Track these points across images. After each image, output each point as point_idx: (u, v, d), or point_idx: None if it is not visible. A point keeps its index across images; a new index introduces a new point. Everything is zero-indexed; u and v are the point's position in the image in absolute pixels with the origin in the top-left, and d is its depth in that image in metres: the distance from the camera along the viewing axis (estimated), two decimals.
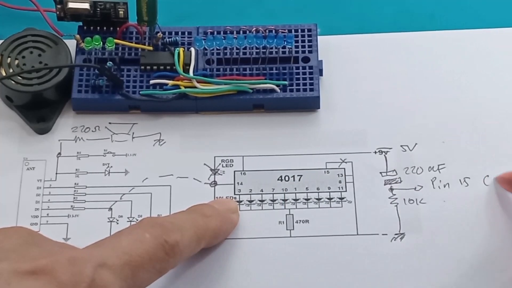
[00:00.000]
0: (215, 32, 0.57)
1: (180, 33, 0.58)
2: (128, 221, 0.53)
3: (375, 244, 0.52)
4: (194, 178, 0.55)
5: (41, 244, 0.43)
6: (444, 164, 0.55)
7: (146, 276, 0.44)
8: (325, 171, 0.55)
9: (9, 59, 0.56)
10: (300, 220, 0.53)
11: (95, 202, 0.54)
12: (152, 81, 0.56)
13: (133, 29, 0.58)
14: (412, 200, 0.54)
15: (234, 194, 0.54)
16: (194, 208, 0.50)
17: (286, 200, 0.54)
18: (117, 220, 0.53)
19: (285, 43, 0.56)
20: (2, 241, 0.42)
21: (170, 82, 0.56)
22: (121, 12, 0.57)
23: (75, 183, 0.54)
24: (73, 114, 0.57)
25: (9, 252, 0.41)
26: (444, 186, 0.54)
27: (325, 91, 0.57)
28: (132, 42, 0.57)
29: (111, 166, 0.55)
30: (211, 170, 0.55)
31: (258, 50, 0.56)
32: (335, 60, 0.58)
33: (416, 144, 0.56)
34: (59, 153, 0.55)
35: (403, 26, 0.60)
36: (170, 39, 0.57)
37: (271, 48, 0.56)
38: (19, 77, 0.55)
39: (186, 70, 0.56)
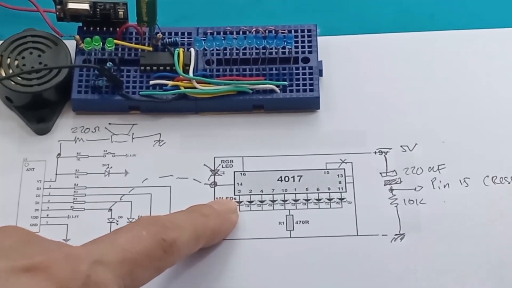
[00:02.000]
0: (215, 33, 0.57)
1: (180, 33, 0.58)
2: (128, 222, 0.53)
3: (375, 244, 0.52)
4: (194, 179, 0.54)
5: (38, 242, 0.43)
6: (444, 164, 0.55)
7: (144, 273, 0.44)
8: (325, 172, 0.55)
9: (8, 59, 0.56)
10: (300, 221, 0.53)
11: (95, 203, 0.54)
12: (152, 82, 0.56)
13: (132, 29, 0.58)
14: (412, 200, 0.54)
15: (234, 194, 0.54)
16: (193, 208, 0.50)
17: (286, 200, 0.54)
18: (117, 221, 0.53)
19: (285, 43, 0.56)
20: (2, 240, 0.42)
21: (170, 83, 0.56)
22: (120, 13, 0.57)
23: (75, 184, 0.54)
24: (73, 115, 0.57)
25: (8, 251, 0.41)
26: (444, 186, 0.54)
27: (325, 92, 0.57)
28: (132, 43, 0.57)
29: (111, 167, 0.55)
30: (211, 170, 0.55)
31: (258, 51, 0.56)
32: (335, 61, 0.58)
33: (416, 144, 0.56)
34: (59, 154, 0.55)
35: (403, 26, 0.60)
36: (170, 39, 0.57)
37: (271, 48, 0.56)
38: (19, 78, 0.55)
39: (186, 71, 0.56)
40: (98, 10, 0.57)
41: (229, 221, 0.52)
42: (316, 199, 0.54)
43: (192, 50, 0.56)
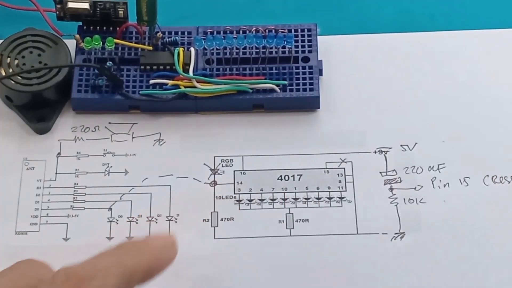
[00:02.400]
0: (215, 32, 0.57)
1: (180, 33, 0.58)
2: (128, 221, 0.53)
3: (375, 243, 0.52)
4: (194, 178, 0.54)
5: None
6: (444, 164, 0.55)
7: None
8: (325, 171, 0.55)
9: (8, 59, 0.56)
10: (300, 219, 0.53)
11: (95, 202, 0.54)
12: (152, 81, 0.56)
13: (133, 29, 0.58)
14: (412, 199, 0.54)
15: (234, 193, 0.54)
16: (123, 245, 0.45)
17: (286, 199, 0.54)
18: (117, 220, 0.53)
19: (285, 43, 0.56)
20: None
21: (170, 82, 0.56)
22: (120, 12, 0.57)
23: (74, 183, 0.54)
24: (73, 114, 0.57)
25: None
26: (444, 186, 0.54)
27: (325, 91, 0.57)
28: (132, 42, 0.57)
29: (111, 166, 0.55)
30: (211, 170, 0.55)
31: (258, 50, 0.56)
32: (335, 60, 0.58)
33: (416, 144, 0.56)
34: (59, 153, 0.55)
35: (403, 26, 0.60)
36: (170, 39, 0.57)
37: (271, 48, 0.56)
38: (19, 77, 0.55)
39: (185, 70, 0.56)
40: (98, 9, 0.57)
41: (165, 258, 0.46)
42: (316, 198, 0.54)
43: (192, 49, 0.56)
